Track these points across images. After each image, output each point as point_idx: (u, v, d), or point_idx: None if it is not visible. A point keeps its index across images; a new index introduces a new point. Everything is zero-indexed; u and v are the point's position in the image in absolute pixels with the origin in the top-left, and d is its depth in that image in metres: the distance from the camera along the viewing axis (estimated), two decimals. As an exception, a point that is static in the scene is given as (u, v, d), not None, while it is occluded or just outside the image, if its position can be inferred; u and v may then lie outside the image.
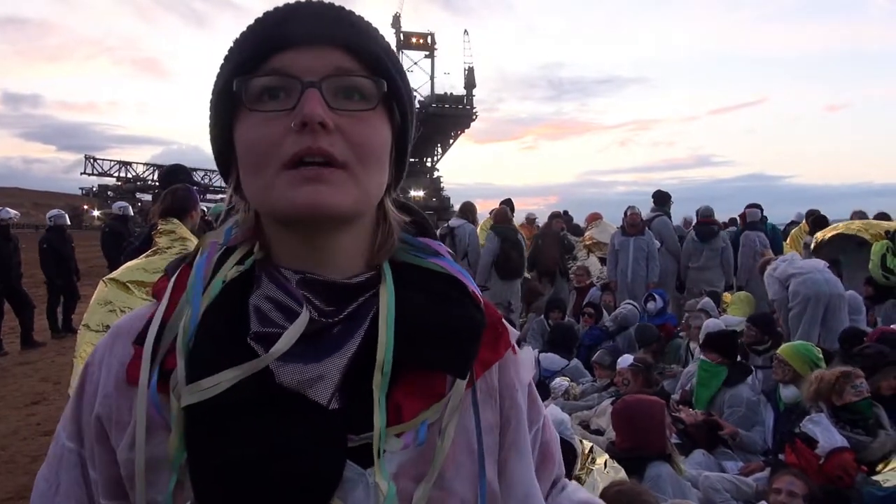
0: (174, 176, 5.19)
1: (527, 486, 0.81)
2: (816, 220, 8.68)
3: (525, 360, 0.87)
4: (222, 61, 0.72)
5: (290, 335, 0.66)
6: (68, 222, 10.62)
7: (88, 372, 0.77)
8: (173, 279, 0.74)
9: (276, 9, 0.70)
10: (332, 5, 0.71)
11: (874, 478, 3.16)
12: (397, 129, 0.74)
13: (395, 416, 0.69)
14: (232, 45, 0.72)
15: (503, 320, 0.83)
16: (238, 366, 0.64)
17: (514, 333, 0.85)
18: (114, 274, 3.14)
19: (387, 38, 0.75)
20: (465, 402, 0.75)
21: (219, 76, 0.72)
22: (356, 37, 0.69)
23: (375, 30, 0.73)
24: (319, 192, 0.65)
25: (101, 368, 0.75)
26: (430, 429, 0.72)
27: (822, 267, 5.83)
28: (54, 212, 10.62)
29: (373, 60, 0.70)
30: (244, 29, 0.71)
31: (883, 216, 8.70)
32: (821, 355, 4.31)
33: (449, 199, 68.81)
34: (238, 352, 0.66)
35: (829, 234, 7.73)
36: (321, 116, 0.64)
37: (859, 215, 8.48)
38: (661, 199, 9.00)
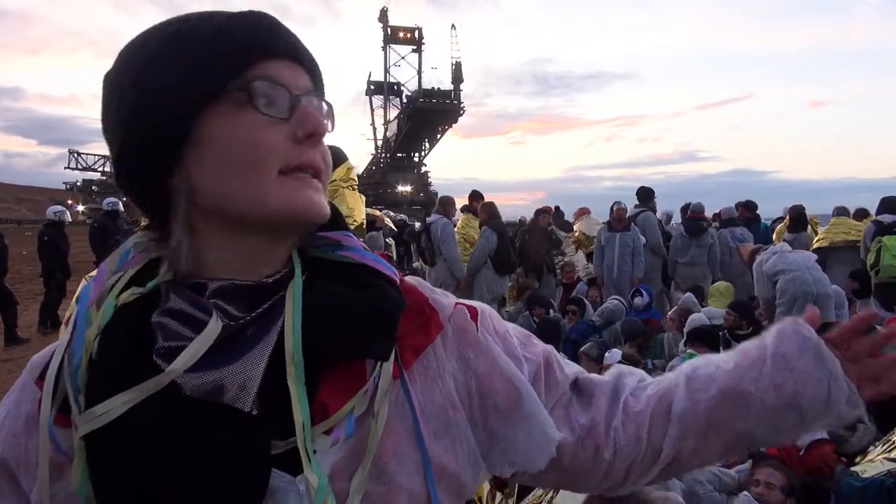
0: None
1: (524, 446, 0.80)
2: (796, 217, 8.77)
3: (482, 315, 0.83)
4: (175, 52, 0.66)
5: (196, 347, 0.63)
6: (69, 219, 10.67)
7: (2, 410, 0.73)
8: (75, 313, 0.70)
9: (253, 13, 0.69)
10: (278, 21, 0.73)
11: (853, 469, 3.22)
12: None
13: (322, 414, 0.66)
14: (182, 40, 0.66)
15: (430, 302, 0.80)
16: (134, 388, 0.61)
17: (445, 309, 0.80)
18: (95, 273, 3.12)
19: None
20: (399, 393, 0.73)
21: (179, 66, 0.65)
22: (313, 59, 0.75)
23: None
24: (319, 198, 0.69)
25: (10, 409, 0.72)
26: (360, 420, 0.69)
27: (812, 264, 5.83)
28: (58, 208, 10.80)
29: (321, 86, 0.76)
30: (203, 24, 0.67)
31: (862, 212, 8.80)
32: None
33: (436, 193, 68.31)
34: (141, 371, 0.62)
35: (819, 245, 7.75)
36: (327, 129, 0.70)
37: (840, 211, 8.56)
38: (645, 196, 9.05)
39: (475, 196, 8.43)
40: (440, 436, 0.75)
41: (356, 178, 4.14)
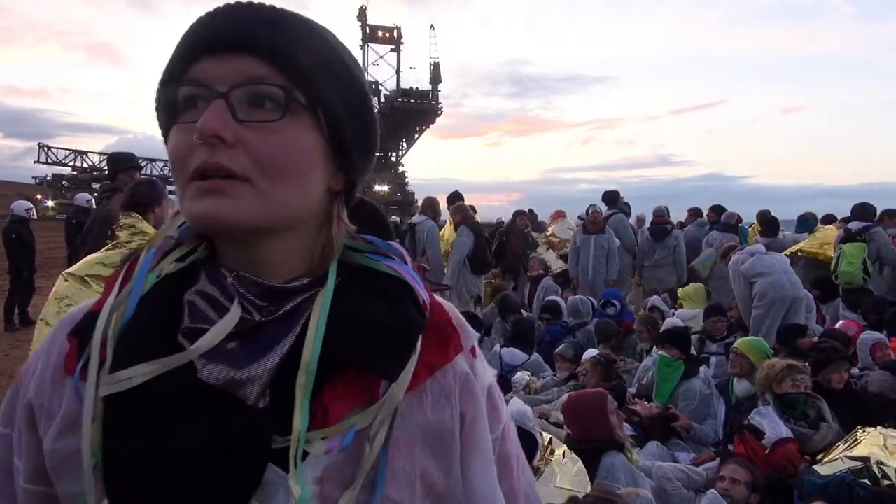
0: (120, 164, 5.33)
1: (489, 492, 0.79)
2: (768, 221, 8.96)
3: (484, 363, 0.85)
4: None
5: (216, 332, 0.65)
6: (35, 216, 10.57)
7: (32, 360, 0.77)
8: (122, 273, 0.73)
9: (202, 15, 0.67)
10: (252, 5, 0.67)
11: (815, 467, 3.33)
12: (329, 134, 0.69)
13: (323, 419, 0.66)
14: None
15: (453, 323, 0.80)
16: (157, 360, 0.63)
17: (471, 336, 0.83)
18: (72, 268, 3.09)
19: (326, 36, 0.71)
20: (406, 407, 0.72)
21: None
22: (272, 41, 0.65)
23: (307, 29, 0.69)
24: (217, 204, 0.63)
25: (41, 357, 0.75)
26: (360, 434, 0.68)
27: (787, 267, 6.04)
28: (27, 204, 10.64)
29: (289, 66, 0.65)
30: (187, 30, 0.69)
31: (830, 218, 9.03)
32: (770, 350, 4.57)
33: (413, 193, 68.40)
34: (165, 346, 0.65)
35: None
36: (215, 130, 0.62)
37: (804, 223, 8.78)
38: (612, 199, 9.17)
39: (455, 198, 8.31)
40: (438, 453, 0.74)
41: None
